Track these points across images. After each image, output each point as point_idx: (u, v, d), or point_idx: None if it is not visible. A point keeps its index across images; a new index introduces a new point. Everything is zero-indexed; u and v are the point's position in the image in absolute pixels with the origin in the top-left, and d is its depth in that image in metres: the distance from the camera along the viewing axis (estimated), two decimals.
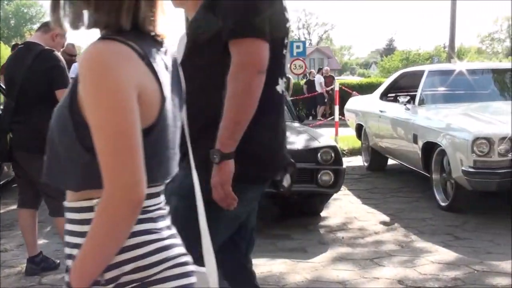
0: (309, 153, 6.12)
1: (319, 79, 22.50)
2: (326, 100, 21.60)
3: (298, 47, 24.49)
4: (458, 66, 9.01)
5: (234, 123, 2.14)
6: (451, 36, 22.52)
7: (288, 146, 6.16)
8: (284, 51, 2.38)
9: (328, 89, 20.36)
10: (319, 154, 6.10)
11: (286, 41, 2.38)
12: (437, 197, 6.98)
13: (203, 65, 2.30)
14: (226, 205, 2.17)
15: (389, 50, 79.23)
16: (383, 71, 53.82)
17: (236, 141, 2.15)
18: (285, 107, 7.77)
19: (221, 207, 2.20)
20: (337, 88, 13.73)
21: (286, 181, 2.44)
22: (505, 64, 12.87)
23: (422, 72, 8.42)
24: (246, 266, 2.71)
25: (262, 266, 4.89)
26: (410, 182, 8.52)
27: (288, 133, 6.70)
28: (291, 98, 11.00)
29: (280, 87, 2.36)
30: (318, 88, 21.42)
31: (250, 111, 2.15)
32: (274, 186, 2.47)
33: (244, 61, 2.13)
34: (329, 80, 21.87)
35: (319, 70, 25.06)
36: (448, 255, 5.16)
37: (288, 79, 10.72)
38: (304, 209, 6.70)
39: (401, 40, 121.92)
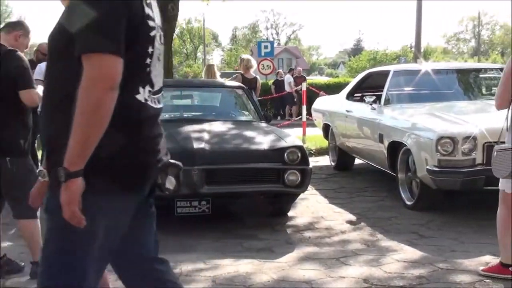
0: (276, 153, 6.13)
1: (288, 79, 22.54)
2: (295, 100, 21.63)
3: (266, 47, 24.59)
4: (424, 66, 9.09)
5: (82, 141, 2.07)
6: (417, 37, 22.77)
7: (255, 146, 6.24)
8: (149, 60, 2.31)
9: (297, 88, 20.39)
10: (285, 154, 6.10)
11: (151, 50, 2.31)
12: (403, 196, 7.04)
13: (60, 74, 2.25)
14: (76, 223, 2.11)
15: (356, 50, 79.86)
16: (351, 71, 54.17)
17: (85, 159, 2.08)
18: (252, 107, 7.83)
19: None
20: (304, 88, 13.79)
21: (170, 183, 2.40)
22: (470, 64, 13.03)
23: (387, 72, 8.48)
24: (157, 268, 2.63)
25: (228, 266, 4.88)
26: (376, 181, 8.59)
27: (254, 133, 6.76)
28: (259, 98, 10.95)
29: (142, 95, 2.30)
30: (287, 88, 21.47)
31: (99, 128, 2.08)
32: (159, 189, 2.44)
33: (95, 77, 2.06)
34: (300, 81, 21.82)
35: (291, 70, 25.13)
36: (413, 253, 5.19)
37: (256, 80, 10.68)
38: (271, 209, 6.70)
39: (369, 40, 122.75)
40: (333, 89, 18.29)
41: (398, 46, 74.52)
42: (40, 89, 5.21)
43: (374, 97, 8.22)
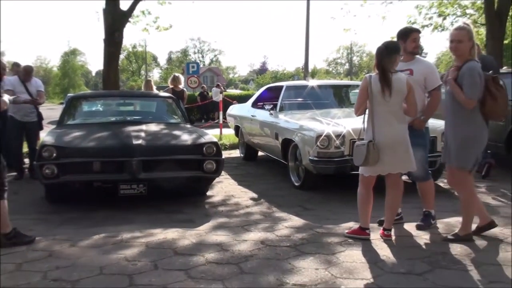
0: (197, 148, 6.08)
1: (216, 91, 22.29)
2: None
3: (193, 67, 24.26)
4: (309, 82, 9.20)
5: None
6: (305, 60, 23.10)
7: (181, 142, 6.17)
8: None
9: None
10: (204, 148, 6.06)
11: None
12: (292, 179, 7.11)
13: None
14: None
15: (262, 70, 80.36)
16: (258, 86, 54.46)
17: None
18: (180, 113, 7.73)
19: None
20: (221, 99, 13.79)
21: None
22: (342, 82, 13.31)
23: (281, 87, 8.54)
24: None
25: (159, 234, 4.80)
26: (273, 168, 8.65)
27: (181, 132, 6.67)
28: (186, 106, 10.85)
29: None
30: (216, 98, 21.31)
31: None
32: None
33: None
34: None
35: (218, 85, 25.04)
36: (298, 221, 5.25)
37: (183, 92, 10.57)
38: (193, 190, 6.64)
39: (272, 62, 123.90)
40: (245, 99, 18.25)
41: (293, 67, 75.46)
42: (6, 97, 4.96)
43: (272, 105, 8.28)
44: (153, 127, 6.87)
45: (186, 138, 6.33)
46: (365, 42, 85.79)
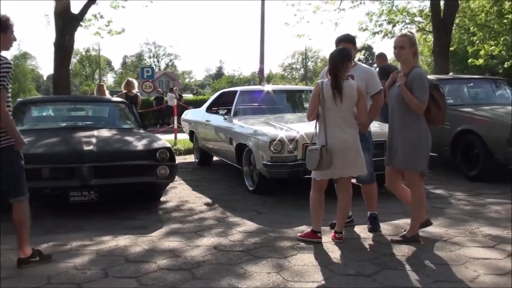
0: (150, 153, 6.01)
1: (172, 96, 22.15)
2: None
3: (148, 71, 24.11)
4: (264, 87, 9.27)
5: None
6: (261, 65, 23.20)
7: (133, 148, 6.08)
8: None
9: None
10: (157, 154, 6.00)
11: None
12: (247, 183, 7.12)
13: None
14: None
15: (218, 75, 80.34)
16: (214, 90, 54.29)
17: None
18: (133, 118, 7.63)
19: None
20: (175, 103, 13.69)
21: None
22: (296, 87, 13.47)
23: (236, 92, 8.57)
24: None
25: (110, 241, 4.72)
26: (228, 173, 8.64)
27: (134, 138, 6.61)
28: (141, 110, 10.74)
29: None
30: (171, 103, 21.16)
31: None
32: None
33: None
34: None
35: (171, 90, 24.83)
36: (252, 226, 5.26)
37: (137, 96, 10.46)
38: (147, 196, 6.56)
39: (228, 67, 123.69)
40: (201, 104, 18.23)
41: (249, 72, 75.68)
42: None
43: (226, 110, 8.27)
44: (105, 133, 6.75)
45: (138, 143, 6.25)
46: (320, 48, 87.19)
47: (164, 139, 6.81)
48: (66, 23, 11.29)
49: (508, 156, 7.02)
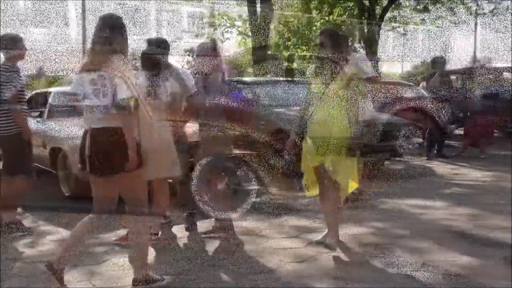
0: None
1: None
2: None
3: None
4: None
5: None
6: None
7: None
8: None
9: None
10: None
11: None
12: (63, 189, 6.79)
13: None
14: None
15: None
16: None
17: None
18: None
19: None
20: None
21: None
22: None
23: (50, 93, 8.08)
24: None
25: None
26: (42, 178, 8.01)
27: None
28: None
29: None
30: None
31: None
32: None
33: None
34: None
35: None
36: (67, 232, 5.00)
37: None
38: None
39: None
40: None
41: None
42: None
43: (39, 112, 7.78)
44: None
45: None
46: None
47: None
48: None
49: None
